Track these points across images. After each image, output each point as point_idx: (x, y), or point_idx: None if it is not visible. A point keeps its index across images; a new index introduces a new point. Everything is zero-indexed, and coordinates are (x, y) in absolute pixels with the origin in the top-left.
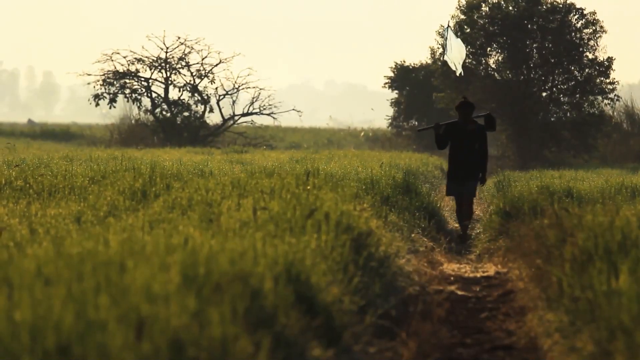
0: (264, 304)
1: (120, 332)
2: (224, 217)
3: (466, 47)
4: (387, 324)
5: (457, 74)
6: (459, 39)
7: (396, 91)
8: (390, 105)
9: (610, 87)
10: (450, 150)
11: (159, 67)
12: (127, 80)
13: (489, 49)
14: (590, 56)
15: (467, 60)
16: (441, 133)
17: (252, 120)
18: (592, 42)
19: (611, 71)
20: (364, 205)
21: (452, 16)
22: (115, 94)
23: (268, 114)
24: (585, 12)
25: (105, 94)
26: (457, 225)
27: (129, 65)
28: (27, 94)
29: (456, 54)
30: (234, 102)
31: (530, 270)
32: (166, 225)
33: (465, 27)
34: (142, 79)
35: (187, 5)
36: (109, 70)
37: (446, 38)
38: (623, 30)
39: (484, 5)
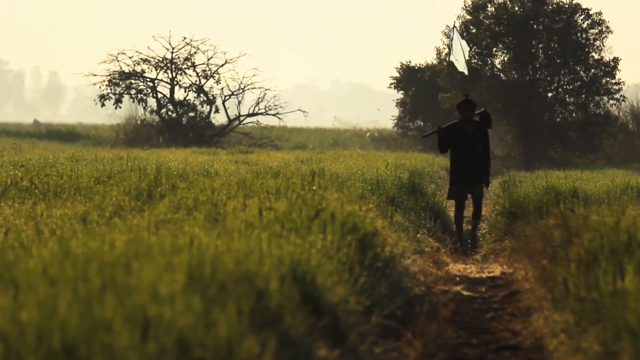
0: (270, 304)
1: (126, 333)
2: (229, 217)
3: (472, 47)
4: (392, 324)
5: (460, 70)
6: (464, 40)
7: (402, 91)
8: (396, 106)
9: (616, 87)
10: (451, 153)
11: (165, 68)
12: (133, 81)
13: (494, 49)
14: (596, 56)
15: (472, 61)
16: (442, 135)
17: (257, 121)
18: (597, 43)
19: (617, 71)
20: (370, 205)
21: (458, 16)
22: (121, 95)
23: (274, 115)
24: (591, 12)
25: (111, 95)
26: (466, 226)
27: (134, 65)
28: (32, 95)
29: (462, 55)
30: (239, 102)
31: (535, 270)
32: (172, 226)
33: (471, 27)
34: (148, 79)
35: (192, 5)
36: (114, 71)
37: (452, 38)
38: (629, 30)
39: (489, 5)
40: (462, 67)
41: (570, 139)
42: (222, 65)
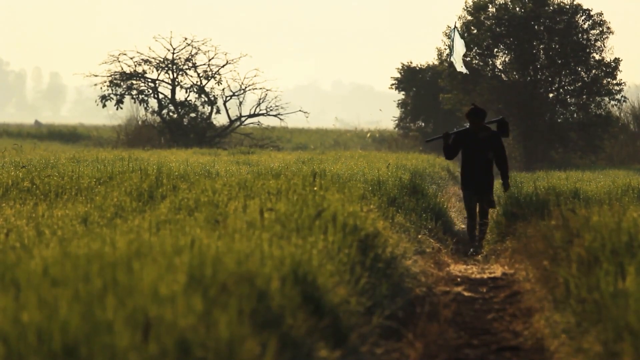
0: (271, 305)
1: (127, 333)
2: (230, 218)
3: (473, 48)
4: (393, 325)
5: (459, 70)
6: (462, 40)
7: (403, 92)
8: (397, 107)
9: (617, 88)
10: (462, 159)
11: (166, 68)
12: (134, 82)
13: (495, 49)
14: (597, 57)
15: (474, 62)
16: (450, 142)
17: (258, 122)
18: (599, 43)
19: (618, 72)
20: (371, 206)
21: (459, 17)
22: (122, 95)
23: (275, 115)
24: (592, 13)
25: (112, 95)
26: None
27: (135, 66)
28: (34, 95)
29: (462, 55)
30: (240, 103)
31: (537, 271)
32: (173, 227)
33: (472, 28)
34: (149, 80)
35: (193, 6)
36: (115, 71)
37: (453, 39)
38: (631, 30)
39: (490, 6)
40: (460, 66)
41: (571, 140)
42: (223, 66)
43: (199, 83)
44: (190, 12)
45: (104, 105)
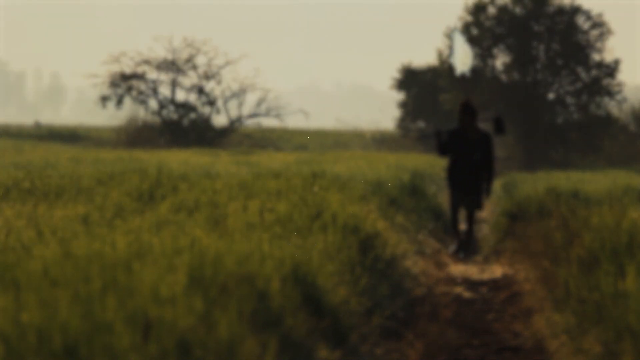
0: (271, 305)
1: (127, 334)
2: (230, 218)
3: (473, 48)
4: (394, 325)
5: (458, 73)
6: (465, 44)
7: (403, 91)
8: (397, 107)
9: (617, 88)
10: (449, 159)
11: (166, 69)
12: (134, 82)
13: (495, 50)
14: (597, 58)
15: (474, 62)
16: (444, 139)
17: (258, 122)
18: (598, 44)
19: (617, 73)
20: (371, 206)
21: (460, 17)
22: (122, 96)
23: (275, 116)
24: (592, 13)
25: (112, 96)
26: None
27: (136, 66)
28: (34, 96)
29: (462, 56)
30: (240, 103)
31: (537, 271)
32: (173, 227)
33: (472, 28)
34: (149, 80)
35: (194, 6)
36: (116, 72)
37: (453, 40)
38: (632, 30)
39: (491, 6)
40: (460, 69)
41: (571, 140)
42: (223, 67)
43: (199, 83)
44: (190, 12)
45: (104, 106)
